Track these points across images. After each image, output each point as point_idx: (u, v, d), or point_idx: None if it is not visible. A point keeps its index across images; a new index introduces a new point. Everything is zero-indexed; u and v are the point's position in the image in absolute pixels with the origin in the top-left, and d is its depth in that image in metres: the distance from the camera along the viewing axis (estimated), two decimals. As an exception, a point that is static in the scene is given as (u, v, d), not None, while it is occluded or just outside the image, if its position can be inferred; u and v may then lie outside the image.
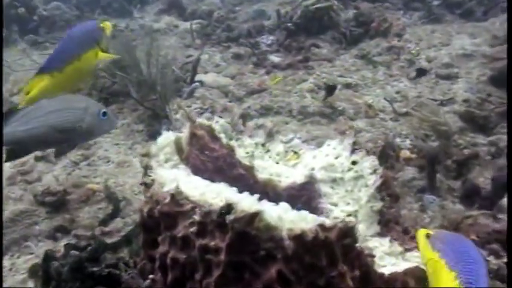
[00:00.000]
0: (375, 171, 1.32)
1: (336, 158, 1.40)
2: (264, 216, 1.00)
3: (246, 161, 1.42)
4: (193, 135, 1.35)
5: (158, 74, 2.79)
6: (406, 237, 1.36)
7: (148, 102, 2.76)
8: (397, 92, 2.86)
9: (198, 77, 3.14)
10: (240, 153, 1.47)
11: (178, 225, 1.10)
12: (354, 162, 1.37)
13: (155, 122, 2.71)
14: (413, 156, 2.31)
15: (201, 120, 1.40)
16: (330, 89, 2.69)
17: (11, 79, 3.25)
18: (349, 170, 1.36)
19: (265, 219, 1.01)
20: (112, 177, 2.33)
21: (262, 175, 1.41)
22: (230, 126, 1.49)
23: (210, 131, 1.39)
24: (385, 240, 1.29)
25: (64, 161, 2.48)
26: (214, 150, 1.38)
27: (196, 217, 1.06)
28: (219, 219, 1.03)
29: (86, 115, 1.38)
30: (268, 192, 1.40)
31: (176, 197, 1.10)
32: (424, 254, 1.10)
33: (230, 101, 2.99)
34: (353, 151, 1.38)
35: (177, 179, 1.16)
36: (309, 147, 1.50)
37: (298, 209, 1.11)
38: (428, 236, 1.13)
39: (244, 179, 1.40)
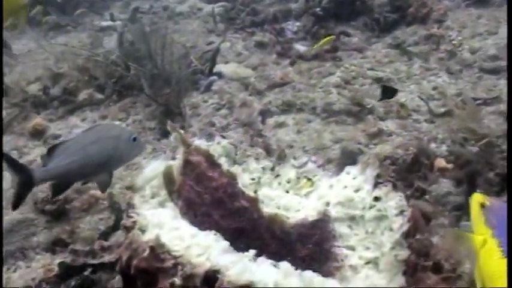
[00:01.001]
0: (401, 213, 1.10)
1: (356, 191, 1.19)
2: (256, 289, 0.80)
3: (250, 191, 1.21)
4: (187, 163, 1.15)
5: (174, 66, 2.60)
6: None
7: (162, 97, 2.57)
8: (434, 89, 2.60)
9: (217, 68, 2.94)
10: (244, 180, 1.27)
11: (157, 284, 0.91)
12: (376, 199, 1.15)
13: (168, 118, 2.52)
14: (450, 166, 2.06)
15: (198, 143, 1.20)
16: (388, 92, 2.31)
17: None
18: (371, 207, 1.15)
19: (258, 292, 0.81)
20: (119, 181, 2.16)
21: (268, 209, 1.21)
22: (234, 148, 1.28)
23: (208, 157, 1.19)
24: (411, 295, 1.08)
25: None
26: (212, 180, 1.18)
27: (177, 280, 0.86)
28: (203, 286, 0.84)
29: (119, 143, 1.34)
30: (275, 229, 1.19)
31: (156, 250, 0.91)
32: (475, 226, 0.97)
33: (250, 95, 2.78)
34: (376, 184, 1.16)
35: (160, 223, 0.97)
36: (325, 173, 1.28)
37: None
38: (483, 205, 0.97)
39: (247, 212, 1.20)
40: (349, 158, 2.20)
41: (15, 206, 1.32)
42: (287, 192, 1.28)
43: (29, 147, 2.51)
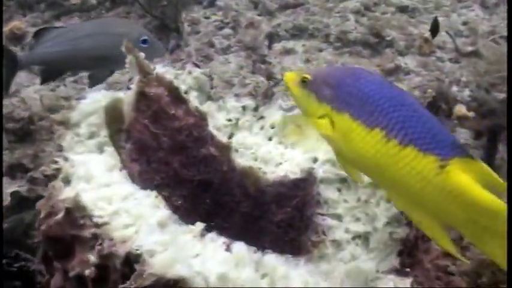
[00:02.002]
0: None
1: (352, 147, 0.95)
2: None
3: (222, 136, 0.98)
4: (142, 96, 0.91)
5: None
6: (439, 273, 0.94)
7: (157, 9, 2.30)
8: (464, 24, 2.29)
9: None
10: (218, 121, 1.03)
11: (74, 256, 0.70)
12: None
13: (163, 34, 2.26)
14: (471, 114, 1.81)
15: (162, 71, 0.96)
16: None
17: None
18: (368, 170, 0.91)
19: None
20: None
21: (242, 159, 0.98)
22: (209, 81, 1.04)
23: (172, 90, 0.95)
24: (405, 282, 0.87)
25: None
26: (174, 119, 0.94)
27: (93, 258, 0.65)
28: (124, 269, 0.63)
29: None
30: (248, 186, 0.97)
31: (73, 213, 0.69)
32: (307, 112, 0.76)
33: (259, 15, 2.49)
34: (377, 141, 0.92)
35: (88, 176, 0.75)
36: (319, 120, 1.04)
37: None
38: (304, 81, 0.75)
39: (215, 162, 0.97)
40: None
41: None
42: (270, 139, 1.04)
43: (6, 53, 2.27)
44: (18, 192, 1.42)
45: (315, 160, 0.97)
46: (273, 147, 1.03)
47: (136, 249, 0.64)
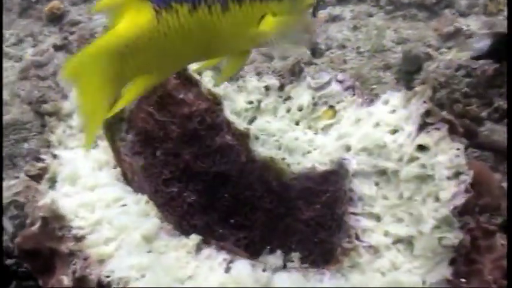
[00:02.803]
0: (457, 175, 0.71)
1: (392, 132, 0.79)
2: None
3: (240, 123, 0.85)
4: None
5: None
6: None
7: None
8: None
9: None
10: (237, 104, 0.89)
11: (54, 273, 0.60)
12: (421, 148, 0.76)
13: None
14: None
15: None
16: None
17: None
18: (411, 160, 0.76)
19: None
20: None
21: (262, 149, 0.84)
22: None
23: (181, 71, 0.82)
24: (460, 297, 0.72)
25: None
26: (184, 104, 0.82)
27: (66, 279, 0.54)
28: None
29: None
30: (270, 180, 0.84)
31: (51, 223, 0.58)
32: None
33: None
34: (424, 125, 0.76)
35: (74, 175, 0.64)
36: (355, 100, 0.89)
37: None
38: None
39: (232, 153, 0.84)
40: (412, 65, 1.79)
41: None
42: (297, 124, 0.90)
43: (44, 34, 2.21)
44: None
45: (348, 149, 0.81)
46: (300, 132, 0.88)
47: (107, 276, 0.52)
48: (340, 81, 0.91)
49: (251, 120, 0.90)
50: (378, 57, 1.87)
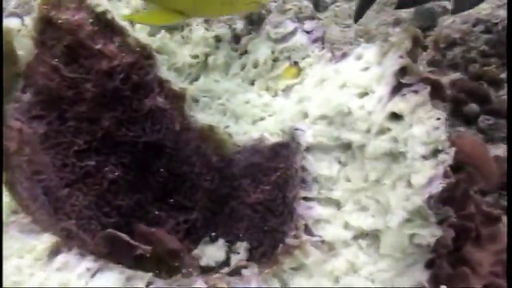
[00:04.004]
0: (435, 154, 0.54)
1: (361, 95, 0.62)
2: None
3: (175, 83, 0.68)
4: (47, 24, 0.62)
5: None
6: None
7: None
8: None
9: None
10: (179, 59, 0.73)
11: None
12: (394, 116, 0.58)
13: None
14: None
15: (85, -12, 0.66)
16: None
17: None
18: (381, 132, 0.58)
19: None
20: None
21: (202, 115, 0.68)
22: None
23: (99, 15, 0.65)
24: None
25: None
26: (101, 57, 0.65)
27: None
28: None
29: None
30: (209, 153, 0.67)
31: None
32: None
33: None
34: (399, 88, 0.58)
35: None
36: (324, 53, 0.71)
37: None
38: None
39: (165, 120, 0.68)
40: (425, 20, 1.59)
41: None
42: (251, 84, 0.73)
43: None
44: None
45: (305, 116, 0.64)
46: (253, 95, 0.71)
47: None
48: (307, 32, 0.73)
49: (195, 79, 0.73)
50: (388, 12, 1.66)
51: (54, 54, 0.64)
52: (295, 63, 0.73)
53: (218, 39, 0.74)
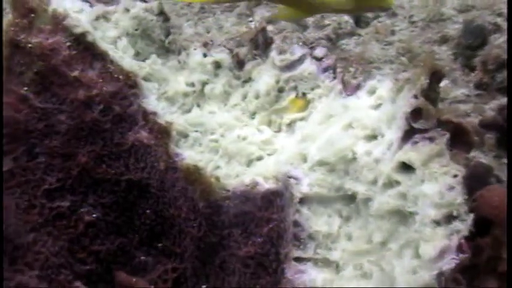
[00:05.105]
0: (448, 221, 0.43)
1: (369, 138, 0.52)
2: None
3: (163, 115, 0.61)
4: (15, 48, 0.56)
5: None
6: None
7: None
8: None
9: None
10: (173, 86, 0.65)
11: None
12: (405, 166, 0.48)
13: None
14: None
15: (66, 5, 0.60)
16: None
17: None
18: (389, 185, 0.48)
19: None
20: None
21: (190, 152, 0.60)
22: (162, 22, 0.66)
23: (79, 37, 0.59)
24: None
25: None
26: (79, 85, 0.58)
27: None
28: None
29: None
30: (194, 197, 0.59)
31: None
32: None
33: None
34: (410, 132, 0.48)
35: None
36: (335, 84, 0.61)
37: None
38: None
39: (149, 157, 0.60)
40: (474, 37, 1.46)
41: None
42: (253, 117, 0.64)
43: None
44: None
45: (304, 159, 0.55)
46: (252, 130, 0.62)
47: None
48: (318, 59, 0.64)
49: (188, 111, 0.65)
50: (433, 28, 1.54)
51: (23, 82, 0.57)
52: (303, 94, 0.64)
53: (218, 65, 0.66)
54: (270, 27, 1.43)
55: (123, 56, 0.62)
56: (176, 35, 0.68)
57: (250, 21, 1.46)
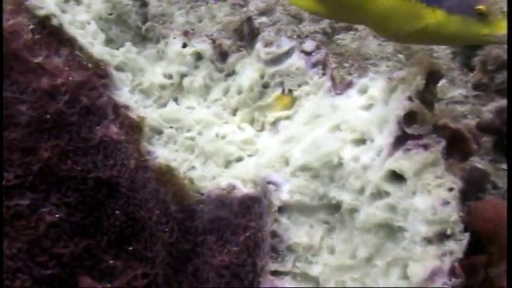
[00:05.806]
0: (442, 239, 0.38)
1: (358, 142, 0.47)
2: None
3: (134, 110, 0.56)
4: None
5: None
6: None
7: None
8: None
9: None
10: (150, 78, 0.60)
11: None
12: (395, 176, 0.43)
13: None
14: None
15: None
16: None
17: None
18: (377, 195, 0.44)
19: None
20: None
21: (163, 151, 0.55)
22: (138, 7, 0.61)
23: (43, 21, 0.53)
24: None
25: None
26: (43, 73, 0.53)
27: None
28: None
29: None
30: (167, 201, 0.54)
31: None
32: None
33: None
34: (402, 138, 0.43)
35: None
36: (324, 81, 0.56)
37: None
38: None
39: (119, 153, 0.55)
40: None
41: None
42: (234, 114, 0.59)
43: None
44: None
45: (286, 161, 0.50)
46: (233, 127, 0.57)
47: None
48: (307, 53, 0.59)
49: (164, 105, 0.60)
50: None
51: (-18, 68, 0.52)
52: (290, 91, 0.59)
53: (199, 56, 0.61)
54: (263, 19, 1.38)
55: (93, 42, 0.57)
56: (154, 22, 0.63)
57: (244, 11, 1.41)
